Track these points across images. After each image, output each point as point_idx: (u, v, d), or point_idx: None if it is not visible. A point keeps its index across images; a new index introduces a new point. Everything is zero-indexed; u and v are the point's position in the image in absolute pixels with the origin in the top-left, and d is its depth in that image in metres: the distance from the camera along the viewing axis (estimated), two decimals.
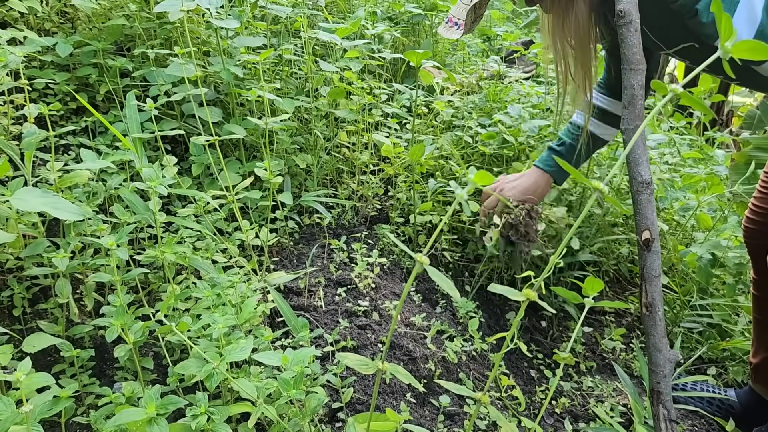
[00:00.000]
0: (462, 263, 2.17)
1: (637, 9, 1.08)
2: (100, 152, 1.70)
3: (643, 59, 1.10)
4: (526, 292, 0.72)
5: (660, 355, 1.16)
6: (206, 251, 1.52)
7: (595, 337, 2.05)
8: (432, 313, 1.81)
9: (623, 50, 1.10)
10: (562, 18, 1.33)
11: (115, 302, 1.16)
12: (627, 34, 1.09)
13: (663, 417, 1.16)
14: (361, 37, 2.55)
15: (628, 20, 1.08)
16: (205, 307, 1.28)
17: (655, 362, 1.17)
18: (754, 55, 0.62)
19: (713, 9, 0.64)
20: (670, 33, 1.28)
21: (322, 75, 2.13)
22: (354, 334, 1.58)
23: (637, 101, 1.10)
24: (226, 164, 1.91)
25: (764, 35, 1.02)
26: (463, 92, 2.67)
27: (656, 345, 1.16)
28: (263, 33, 2.18)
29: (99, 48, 1.89)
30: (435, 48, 3.14)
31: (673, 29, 1.26)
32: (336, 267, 1.83)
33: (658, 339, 1.17)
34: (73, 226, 1.37)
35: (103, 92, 1.93)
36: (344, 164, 2.28)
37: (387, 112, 2.42)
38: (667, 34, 1.29)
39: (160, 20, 2.03)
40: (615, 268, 2.30)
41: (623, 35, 1.10)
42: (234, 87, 1.93)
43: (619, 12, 1.08)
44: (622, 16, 1.08)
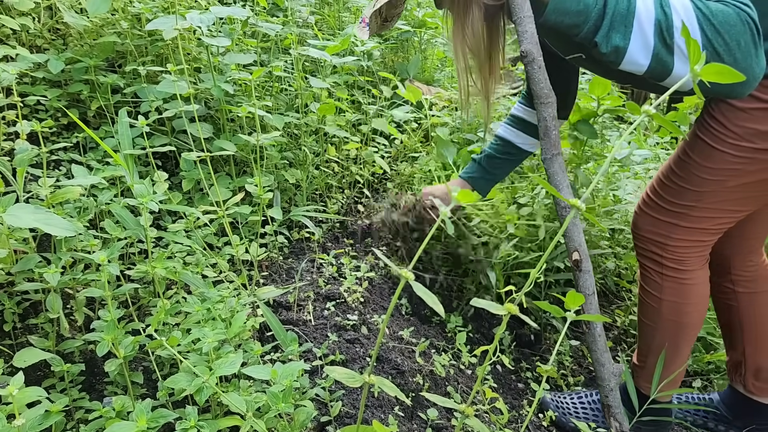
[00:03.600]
0: (451, 277, 2.19)
1: (539, 48, 1.14)
2: (91, 168, 1.72)
3: (552, 92, 1.16)
4: (508, 306, 0.74)
5: (603, 369, 1.20)
6: (196, 266, 1.53)
7: (582, 350, 2.07)
8: (421, 327, 1.83)
9: (531, 87, 1.16)
10: (461, 24, 1.36)
11: (106, 317, 1.17)
12: (532, 72, 1.15)
13: (615, 429, 1.18)
14: (351, 53, 2.59)
15: (530, 59, 1.14)
16: (195, 322, 1.29)
17: (600, 377, 1.20)
18: (721, 79, 0.65)
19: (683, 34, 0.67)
20: (579, 52, 1.36)
21: (312, 91, 2.16)
22: (343, 348, 1.59)
23: (551, 132, 1.15)
24: (217, 179, 1.93)
25: (659, 59, 1.06)
26: (452, 108, 2.71)
27: (599, 360, 1.20)
28: (254, 50, 2.20)
29: (90, 65, 1.91)
30: (424, 64, 3.18)
31: (582, 52, 1.35)
32: (325, 281, 1.85)
33: (599, 354, 1.20)
34: (65, 241, 1.38)
35: (94, 108, 1.94)
36: (334, 179, 2.31)
37: (376, 128, 2.45)
38: (576, 51, 1.37)
39: (151, 37, 2.05)
40: (601, 282, 2.33)
41: (529, 73, 1.16)
42: (224, 103, 1.96)
43: (522, 52, 1.13)
44: (525, 56, 1.13)
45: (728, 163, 1.26)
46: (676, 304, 1.47)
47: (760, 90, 1.19)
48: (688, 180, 1.34)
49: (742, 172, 1.27)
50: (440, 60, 3.38)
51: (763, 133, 1.21)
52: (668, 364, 1.53)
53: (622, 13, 1.05)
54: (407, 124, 2.55)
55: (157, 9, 2.05)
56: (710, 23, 1.01)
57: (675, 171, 1.37)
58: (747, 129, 1.22)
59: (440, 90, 2.80)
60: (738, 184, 1.29)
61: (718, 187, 1.30)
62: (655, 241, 1.43)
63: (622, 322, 2.18)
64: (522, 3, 1.13)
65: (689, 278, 1.44)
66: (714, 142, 1.27)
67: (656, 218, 1.42)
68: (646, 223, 1.45)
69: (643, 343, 1.58)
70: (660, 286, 1.47)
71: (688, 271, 1.43)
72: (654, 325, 1.52)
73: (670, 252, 1.42)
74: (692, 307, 1.47)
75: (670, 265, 1.43)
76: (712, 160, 1.28)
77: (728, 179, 1.28)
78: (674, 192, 1.37)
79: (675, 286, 1.45)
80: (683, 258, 1.42)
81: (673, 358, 1.52)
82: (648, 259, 1.48)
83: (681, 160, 1.35)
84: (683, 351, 1.53)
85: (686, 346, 1.53)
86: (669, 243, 1.41)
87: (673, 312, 1.48)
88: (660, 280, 1.46)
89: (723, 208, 1.34)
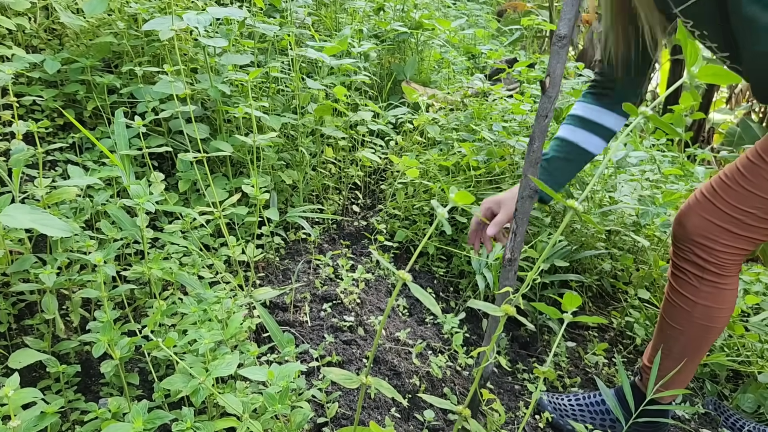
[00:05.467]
0: (447, 278, 2.19)
1: None
2: (87, 168, 1.71)
3: None
4: (505, 307, 0.74)
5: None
6: (192, 267, 1.53)
7: (578, 351, 2.08)
8: (417, 329, 1.83)
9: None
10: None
11: (102, 318, 1.17)
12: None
13: (512, 229, 1.22)
14: (348, 54, 2.59)
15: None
16: (192, 323, 1.29)
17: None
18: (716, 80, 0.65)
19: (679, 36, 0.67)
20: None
21: (309, 92, 2.16)
22: (339, 350, 1.59)
23: None
24: (213, 180, 1.92)
25: None
26: (448, 109, 2.71)
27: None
28: (251, 51, 2.20)
29: (87, 65, 1.90)
30: (420, 65, 3.19)
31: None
32: (321, 282, 1.85)
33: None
34: (60, 242, 1.37)
35: (90, 109, 1.94)
36: (330, 180, 2.31)
37: (372, 129, 2.45)
38: None
39: (148, 38, 2.05)
40: (598, 283, 2.34)
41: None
42: (221, 104, 1.95)
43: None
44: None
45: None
46: (710, 309, 1.44)
47: None
48: (757, 185, 1.29)
49: None
50: (437, 61, 3.38)
51: None
52: (688, 366, 1.52)
53: None
54: (403, 126, 2.55)
55: (154, 9, 2.04)
56: None
57: (743, 173, 1.32)
58: None
59: (436, 91, 2.80)
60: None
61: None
62: (702, 245, 1.39)
63: (618, 324, 2.18)
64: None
65: (726, 283, 1.41)
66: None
67: (708, 220, 1.38)
68: (695, 224, 1.41)
69: (665, 347, 1.55)
70: (697, 290, 1.44)
71: (726, 276, 1.41)
72: (682, 329, 1.49)
73: (714, 257, 1.39)
74: (724, 312, 1.45)
75: (711, 269, 1.40)
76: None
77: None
78: (738, 196, 1.33)
79: (712, 291, 1.42)
80: (725, 263, 1.39)
81: (694, 360, 1.50)
82: (688, 263, 1.44)
83: (752, 163, 1.31)
84: (704, 354, 1.51)
85: (707, 348, 1.52)
86: (716, 248, 1.38)
87: (705, 317, 1.45)
88: (698, 284, 1.43)
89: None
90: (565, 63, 1.17)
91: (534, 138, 1.21)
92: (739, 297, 2.21)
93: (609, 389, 1.65)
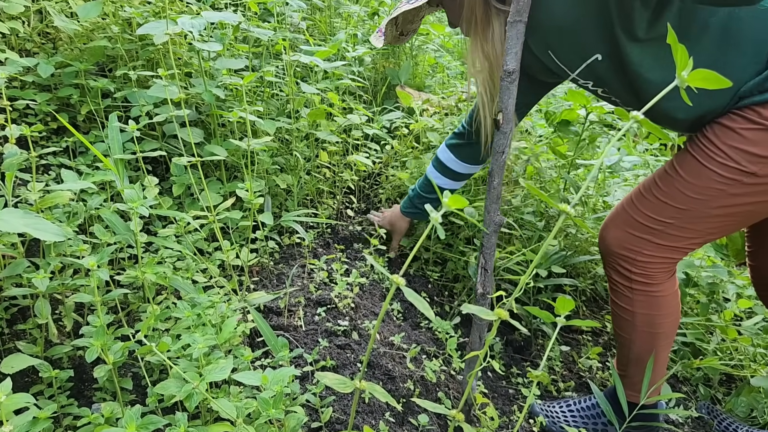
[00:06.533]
0: (441, 283, 2.19)
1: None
2: (80, 172, 1.71)
3: None
4: (498, 311, 0.74)
5: (488, 216, 1.28)
6: (186, 271, 1.53)
7: (572, 356, 2.08)
8: (411, 333, 1.83)
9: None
10: (480, 42, 1.40)
11: (95, 322, 1.16)
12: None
13: (481, 265, 1.25)
14: (342, 59, 2.59)
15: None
16: (185, 328, 1.28)
17: (485, 223, 1.28)
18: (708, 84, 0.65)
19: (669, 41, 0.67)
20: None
21: (303, 96, 2.16)
22: (334, 354, 1.59)
23: None
24: (207, 184, 1.92)
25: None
26: (443, 114, 2.71)
27: (487, 208, 1.29)
28: (245, 55, 2.20)
29: (81, 69, 1.90)
30: (415, 70, 3.19)
31: None
32: (316, 287, 1.85)
33: (489, 203, 1.28)
34: (54, 246, 1.37)
35: (84, 113, 1.93)
36: (325, 184, 2.31)
37: (367, 133, 2.45)
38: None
39: (142, 42, 2.04)
40: (591, 287, 2.34)
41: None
42: (215, 108, 1.95)
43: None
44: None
45: (713, 182, 1.27)
46: (649, 316, 1.47)
47: (751, 113, 1.21)
48: (672, 195, 1.34)
49: (725, 195, 1.27)
50: (431, 66, 3.39)
51: (750, 155, 1.21)
52: (656, 369, 1.54)
53: None
54: (398, 130, 2.55)
55: (148, 14, 2.04)
56: None
57: (658, 185, 1.37)
58: (736, 149, 1.23)
59: (431, 96, 2.80)
60: (719, 206, 1.29)
61: (699, 207, 1.31)
62: (625, 256, 1.43)
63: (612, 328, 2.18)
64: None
65: (659, 290, 1.44)
66: (703, 158, 1.28)
67: (628, 232, 1.42)
68: (615, 237, 1.45)
69: (622, 354, 1.59)
70: (631, 300, 1.47)
71: (656, 284, 1.44)
72: (629, 337, 1.53)
73: (639, 267, 1.42)
74: (664, 317, 1.48)
75: (638, 279, 1.43)
76: (698, 177, 1.29)
77: (710, 199, 1.29)
78: (653, 206, 1.37)
79: (646, 299, 1.45)
80: (651, 273, 1.42)
81: (657, 361, 1.53)
82: (617, 273, 1.48)
83: (667, 175, 1.36)
84: (661, 358, 1.54)
85: (663, 353, 1.54)
86: (638, 258, 1.41)
87: (646, 324, 1.48)
88: (630, 294, 1.46)
89: (698, 228, 1.35)
90: (515, 97, 1.19)
91: (493, 174, 1.24)
92: (732, 301, 2.22)
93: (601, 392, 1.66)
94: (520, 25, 1.17)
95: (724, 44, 1.20)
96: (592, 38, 1.28)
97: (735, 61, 1.21)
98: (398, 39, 1.61)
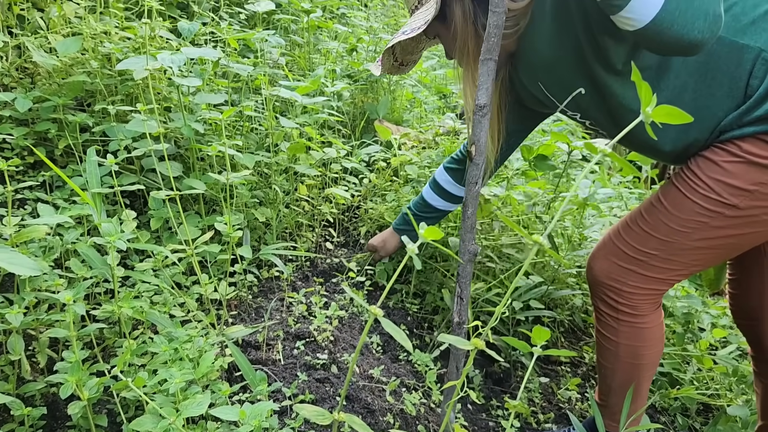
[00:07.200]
0: (421, 315, 2.20)
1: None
2: (57, 207, 1.70)
3: None
4: (474, 341, 0.75)
5: (464, 245, 1.29)
6: (164, 305, 1.51)
7: (551, 387, 2.08)
8: (391, 366, 1.83)
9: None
10: (471, 73, 1.44)
11: (71, 358, 1.15)
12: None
13: (457, 294, 1.28)
14: (321, 94, 2.63)
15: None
16: (162, 362, 1.27)
17: (460, 251, 1.30)
18: (671, 120, 0.68)
19: (633, 78, 0.70)
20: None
21: (283, 131, 2.18)
22: (312, 388, 1.58)
23: None
24: (186, 218, 1.92)
25: None
26: (420, 148, 2.75)
27: (462, 237, 1.30)
28: (225, 90, 2.22)
29: (59, 103, 1.90)
30: (393, 105, 3.24)
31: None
32: (295, 320, 1.84)
33: (464, 233, 1.23)
34: (29, 281, 1.36)
35: (62, 147, 1.93)
36: (304, 217, 2.31)
37: (346, 167, 2.48)
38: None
39: (121, 77, 2.06)
40: (569, 318, 2.36)
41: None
42: (195, 142, 1.96)
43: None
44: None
45: (696, 215, 1.30)
46: (633, 347, 1.49)
47: (732, 146, 1.24)
48: (655, 227, 1.36)
49: (707, 227, 1.30)
50: (409, 101, 3.44)
51: (731, 187, 1.24)
52: (636, 401, 1.55)
53: None
54: (376, 163, 2.58)
55: (128, 49, 2.06)
56: None
57: (644, 216, 1.39)
58: (718, 181, 1.26)
59: (409, 130, 2.84)
60: (702, 238, 1.32)
61: (682, 239, 1.33)
62: (611, 287, 1.45)
63: (591, 359, 2.20)
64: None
65: (644, 322, 1.46)
66: (686, 190, 1.31)
67: (615, 263, 1.44)
68: (602, 267, 1.47)
69: (603, 384, 1.60)
70: (616, 330, 1.49)
71: (642, 315, 1.45)
72: (612, 367, 1.54)
73: (625, 298, 1.44)
74: (648, 349, 1.49)
75: (624, 310, 1.45)
76: (681, 210, 1.32)
77: (693, 232, 1.31)
78: (638, 237, 1.40)
79: (631, 330, 1.47)
80: (637, 304, 1.44)
81: (634, 396, 1.54)
82: (603, 303, 1.50)
83: (652, 206, 1.38)
84: (643, 389, 1.55)
85: (645, 384, 1.56)
86: (624, 289, 1.43)
87: (630, 355, 1.50)
88: (616, 324, 1.48)
89: (682, 260, 1.37)
90: (487, 130, 1.23)
91: (467, 204, 1.27)
92: (707, 330, 2.25)
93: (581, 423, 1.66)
94: (490, 63, 1.21)
95: (705, 78, 1.24)
96: (572, 72, 1.33)
97: (716, 94, 1.24)
98: (398, 69, 1.65)
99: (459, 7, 1.36)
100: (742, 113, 1.22)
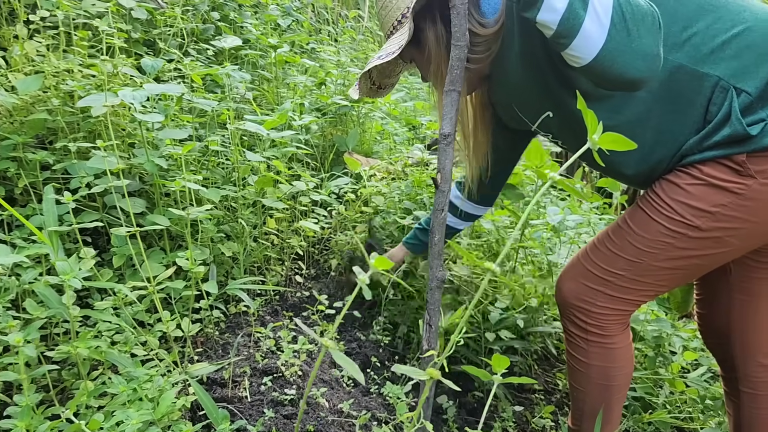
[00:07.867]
0: (392, 348, 2.17)
1: None
2: (15, 246, 1.66)
3: None
4: (430, 371, 0.74)
5: (432, 272, 1.29)
6: (125, 345, 1.48)
7: (525, 416, 2.06)
8: (362, 399, 1.80)
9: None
10: None
11: (22, 402, 1.11)
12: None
13: (426, 321, 1.27)
14: (289, 128, 2.63)
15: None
16: (121, 403, 1.24)
17: (429, 277, 1.30)
18: (617, 146, 0.68)
19: (579, 106, 0.71)
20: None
21: (249, 164, 2.17)
22: (280, 425, 1.54)
23: None
24: (150, 254, 1.89)
25: (572, 9, 1.06)
26: (390, 179, 2.76)
27: (430, 264, 1.30)
28: (190, 125, 2.21)
29: (19, 142, 1.87)
30: (362, 137, 3.25)
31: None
32: (262, 355, 1.81)
33: (431, 259, 1.23)
34: None
35: (21, 186, 1.90)
36: (272, 251, 2.29)
37: (315, 200, 2.47)
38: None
39: (83, 114, 2.03)
40: (542, 345, 2.35)
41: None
42: (158, 178, 1.94)
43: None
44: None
45: (660, 236, 1.32)
46: (604, 368, 1.49)
47: (694, 170, 1.27)
48: (622, 247, 1.39)
49: (672, 248, 1.33)
50: (378, 133, 3.46)
51: (694, 209, 1.28)
52: (602, 425, 1.54)
53: None
54: (346, 195, 2.57)
55: (91, 86, 2.04)
56: None
57: (611, 238, 1.42)
58: (681, 203, 1.29)
59: (378, 161, 2.85)
60: (667, 259, 1.34)
61: (649, 259, 1.36)
62: (580, 307, 1.46)
63: (564, 385, 2.19)
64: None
65: (613, 343, 1.47)
66: (651, 212, 1.34)
67: (583, 284, 1.46)
68: (570, 288, 1.49)
69: (576, 408, 1.60)
70: (587, 352, 1.49)
71: (610, 336, 1.46)
72: (584, 390, 1.54)
73: (594, 318, 1.45)
74: (619, 370, 1.50)
75: (594, 330, 1.46)
76: (647, 231, 1.34)
77: (659, 252, 1.34)
78: (606, 258, 1.42)
79: (601, 351, 1.48)
80: (606, 325, 1.45)
81: (606, 419, 1.54)
82: (573, 324, 1.50)
83: (619, 228, 1.41)
84: (615, 411, 1.55)
85: (617, 406, 1.55)
86: (593, 310, 1.44)
87: (601, 376, 1.50)
88: (586, 345, 1.49)
89: (648, 281, 1.39)
90: (452, 159, 1.24)
91: (434, 231, 1.28)
92: (678, 353, 2.26)
93: None
94: (453, 93, 1.22)
95: (668, 103, 1.28)
96: (538, 96, 1.37)
97: (679, 120, 1.28)
98: (377, 92, 1.67)
99: (432, 33, 1.39)
100: (702, 138, 1.26)
